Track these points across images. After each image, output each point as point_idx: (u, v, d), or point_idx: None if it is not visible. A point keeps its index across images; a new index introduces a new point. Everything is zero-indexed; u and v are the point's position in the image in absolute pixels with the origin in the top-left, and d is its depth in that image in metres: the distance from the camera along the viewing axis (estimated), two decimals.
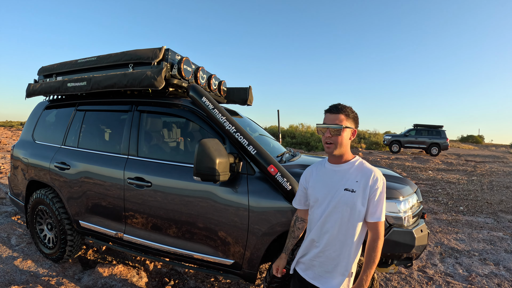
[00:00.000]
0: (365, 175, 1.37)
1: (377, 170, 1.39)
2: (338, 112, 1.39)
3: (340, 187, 1.39)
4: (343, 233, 1.39)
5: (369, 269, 1.36)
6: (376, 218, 1.36)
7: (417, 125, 18.37)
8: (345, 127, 1.37)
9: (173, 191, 2.29)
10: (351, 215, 1.37)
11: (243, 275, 2.19)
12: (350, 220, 1.37)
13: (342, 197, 1.37)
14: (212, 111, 2.16)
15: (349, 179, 1.38)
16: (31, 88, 3.24)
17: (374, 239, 1.37)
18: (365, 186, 1.36)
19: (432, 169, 11.32)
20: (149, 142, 2.63)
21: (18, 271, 2.79)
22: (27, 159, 3.18)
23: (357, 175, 1.38)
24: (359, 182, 1.36)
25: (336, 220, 1.39)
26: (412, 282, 3.10)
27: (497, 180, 9.28)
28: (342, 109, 1.40)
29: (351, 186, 1.37)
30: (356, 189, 1.36)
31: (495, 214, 5.66)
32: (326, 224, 1.42)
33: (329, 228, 1.41)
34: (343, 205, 1.37)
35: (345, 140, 1.39)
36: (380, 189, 1.36)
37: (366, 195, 1.35)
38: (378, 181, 1.36)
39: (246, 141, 2.05)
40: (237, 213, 2.09)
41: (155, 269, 3.17)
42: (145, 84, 2.34)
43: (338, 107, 1.41)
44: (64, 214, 2.88)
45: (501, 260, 3.68)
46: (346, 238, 1.39)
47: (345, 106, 1.42)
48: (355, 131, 1.42)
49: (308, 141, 21.04)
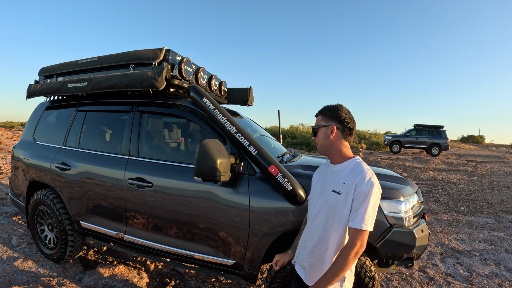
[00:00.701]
0: (353, 177, 1.30)
1: (368, 173, 1.29)
2: (317, 115, 1.45)
3: (330, 188, 1.36)
4: (329, 234, 1.35)
5: (331, 275, 1.24)
6: (354, 224, 1.24)
7: (418, 125, 18.36)
8: (319, 126, 1.41)
9: (174, 192, 2.29)
10: (335, 217, 1.32)
11: (244, 276, 2.19)
12: (335, 222, 1.32)
13: (328, 198, 1.35)
14: (213, 112, 2.16)
15: (339, 180, 1.34)
16: (31, 88, 3.24)
17: (349, 245, 1.25)
18: (349, 188, 1.28)
19: (433, 169, 11.31)
20: (150, 142, 2.63)
21: (18, 271, 2.79)
22: (28, 160, 3.19)
23: (347, 176, 1.32)
24: (346, 184, 1.30)
25: (322, 220, 1.37)
26: (413, 282, 3.10)
27: (497, 180, 9.27)
28: (321, 110, 1.44)
29: (338, 187, 1.33)
30: (342, 191, 1.31)
31: (496, 214, 5.65)
32: (314, 224, 1.41)
33: (316, 228, 1.39)
34: (329, 206, 1.34)
35: (323, 139, 1.40)
36: (364, 193, 1.24)
37: (350, 197, 1.28)
38: (364, 185, 1.25)
39: (247, 142, 2.05)
40: (238, 214, 2.09)
41: (156, 270, 3.17)
42: (146, 84, 2.34)
43: (320, 109, 1.45)
44: (65, 214, 2.89)
45: (502, 260, 3.68)
46: (331, 240, 1.34)
47: (326, 107, 1.44)
48: (333, 127, 1.37)
49: (308, 141, 21.09)
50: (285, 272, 1.97)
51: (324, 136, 1.40)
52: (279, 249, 2.15)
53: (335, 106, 1.42)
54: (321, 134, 1.41)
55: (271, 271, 2.05)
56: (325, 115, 1.41)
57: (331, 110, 1.40)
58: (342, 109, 1.40)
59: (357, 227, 1.24)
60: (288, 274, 1.98)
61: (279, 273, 1.99)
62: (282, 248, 2.16)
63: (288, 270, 1.97)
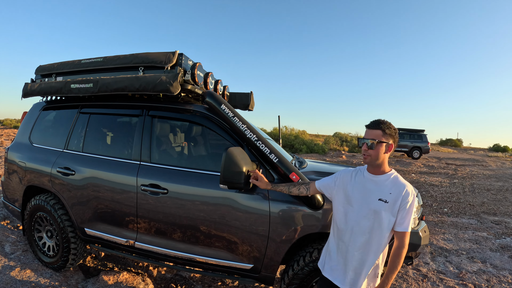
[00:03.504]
0: (398, 188, 1.49)
1: (409, 185, 1.51)
2: (375, 128, 1.51)
3: (375, 196, 1.50)
4: (374, 238, 1.50)
5: (391, 273, 1.49)
6: (403, 228, 1.47)
7: (399, 129, 19.05)
8: (379, 141, 1.48)
9: (191, 198, 2.28)
10: (381, 223, 1.48)
11: (261, 279, 2.22)
12: (381, 227, 1.49)
13: (376, 206, 1.49)
14: (232, 119, 2.18)
15: (384, 190, 1.50)
16: (28, 87, 3.04)
17: (399, 247, 1.49)
18: (396, 198, 1.47)
19: (415, 172, 11.79)
20: (162, 147, 2.60)
21: (18, 282, 2.66)
22: (24, 164, 3.04)
23: (392, 187, 1.50)
24: (392, 194, 1.48)
25: (368, 226, 1.50)
26: (408, 279, 3.27)
27: (477, 183, 9.81)
28: (379, 124, 1.51)
29: (385, 196, 1.48)
30: (388, 200, 1.47)
31: (478, 215, 5.99)
32: (359, 228, 1.52)
33: (361, 233, 1.51)
34: (376, 213, 1.48)
35: (380, 154, 1.50)
36: (410, 203, 1.47)
37: (397, 206, 1.47)
38: (409, 196, 1.47)
39: (268, 150, 2.09)
40: (258, 220, 2.13)
41: (159, 275, 3.14)
42: (160, 89, 2.28)
43: (376, 122, 1.52)
44: (67, 221, 2.78)
45: (488, 258, 3.93)
46: (376, 243, 1.50)
47: (384, 122, 1.52)
48: (391, 145, 1.52)
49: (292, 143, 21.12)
50: (303, 273, 2.04)
51: (381, 151, 1.49)
52: (297, 252, 2.20)
53: (391, 124, 1.53)
54: (379, 149, 1.49)
55: (288, 272, 2.11)
56: (385, 132, 1.50)
57: (390, 128, 1.51)
58: (395, 129, 1.54)
59: (406, 230, 1.47)
60: (306, 275, 2.04)
61: (297, 275, 2.05)
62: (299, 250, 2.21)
63: (306, 271, 2.03)
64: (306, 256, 2.07)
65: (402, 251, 1.48)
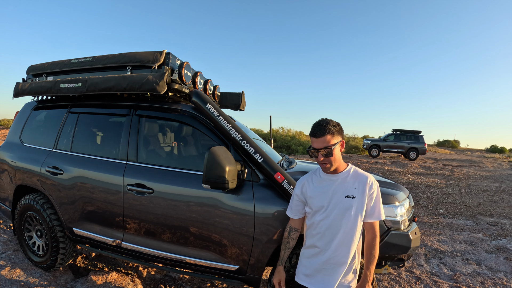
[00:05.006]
0: (361, 181, 1.52)
1: (370, 175, 1.55)
2: (323, 135, 1.44)
3: (341, 195, 1.50)
4: (349, 236, 1.50)
5: (371, 265, 1.51)
6: (375, 217, 1.51)
7: (396, 130, 19.04)
8: (333, 145, 1.45)
9: (176, 198, 2.27)
10: (354, 219, 1.49)
11: (247, 280, 2.20)
12: (353, 224, 1.49)
13: (345, 204, 1.49)
14: (218, 118, 2.17)
15: (348, 187, 1.51)
16: (19, 87, 3.05)
17: (373, 237, 1.52)
18: (363, 190, 1.50)
19: (411, 173, 11.76)
20: (149, 147, 2.59)
21: (7, 281, 2.66)
22: (15, 163, 3.05)
23: (355, 181, 1.52)
24: (357, 188, 1.49)
25: (341, 225, 1.49)
26: (401, 282, 3.24)
27: (474, 184, 9.78)
28: (325, 129, 1.44)
29: (351, 192, 1.49)
30: (355, 195, 1.49)
31: (474, 216, 5.97)
32: (332, 230, 1.51)
33: (335, 234, 1.50)
34: (346, 211, 1.48)
35: (337, 156, 1.49)
36: (376, 192, 1.52)
37: (365, 198, 1.50)
38: (374, 185, 1.52)
39: (253, 149, 2.08)
40: (243, 220, 2.11)
41: (148, 276, 3.12)
42: (146, 88, 2.29)
43: (321, 128, 1.45)
44: (56, 221, 2.78)
45: (483, 260, 3.90)
46: (352, 240, 1.51)
47: (327, 124, 1.46)
48: (343, 141, 1.52)
49: (288, 144, 21.15)
50: (289, 276, 2.02)
51: (338, 154, 1.49)
52: None
53: (333, 121, 1.50)
54: (337, 151, 1.48)
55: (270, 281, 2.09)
56: (333, 133, 1.46)
57: (335, 126, 1.48)
58: (337, 122, 1.52)
59: (379, 219, 1.51)
60: (292, 277, 2.02)
61: None
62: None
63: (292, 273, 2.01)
64: (293, 258, 2.04)
65: (376, 241, 1.52)
